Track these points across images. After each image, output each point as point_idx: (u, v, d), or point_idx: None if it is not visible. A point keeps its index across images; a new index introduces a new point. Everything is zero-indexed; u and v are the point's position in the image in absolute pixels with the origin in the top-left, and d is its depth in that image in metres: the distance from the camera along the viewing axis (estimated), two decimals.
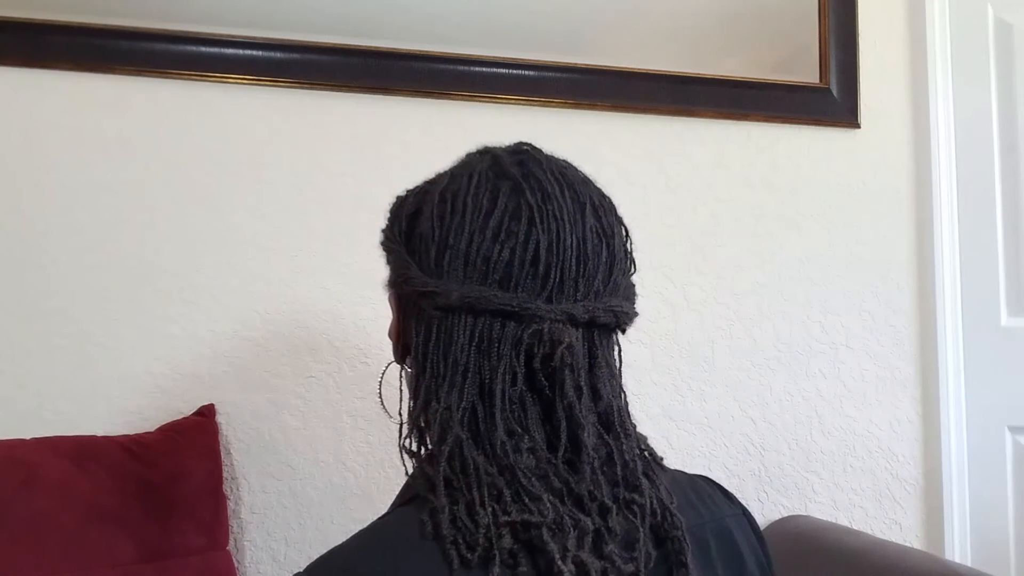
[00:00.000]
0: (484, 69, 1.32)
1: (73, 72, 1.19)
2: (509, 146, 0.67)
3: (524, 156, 0.64)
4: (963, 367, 1.50)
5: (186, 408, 1.18)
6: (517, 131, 1.35)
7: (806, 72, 1.46)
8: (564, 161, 0.67)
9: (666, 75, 1.39)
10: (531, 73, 1.34)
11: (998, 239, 1.52)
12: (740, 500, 0.72)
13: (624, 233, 0.66)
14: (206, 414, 1.16)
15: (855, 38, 1.49)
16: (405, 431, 0.63)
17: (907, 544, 1.43)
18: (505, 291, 0.58)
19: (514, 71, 1.33)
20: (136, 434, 1.11)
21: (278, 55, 1.25)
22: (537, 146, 0.67)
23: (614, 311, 0.61)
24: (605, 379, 0.61)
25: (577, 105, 1.35)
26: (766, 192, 1.45)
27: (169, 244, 1.21)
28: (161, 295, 1.20)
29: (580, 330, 0.60)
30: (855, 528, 1.42)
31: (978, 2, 1.55)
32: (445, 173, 0.66)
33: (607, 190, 0.68)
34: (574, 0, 1.36)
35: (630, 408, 0.65)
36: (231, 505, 1.18)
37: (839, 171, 1.48)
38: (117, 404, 1.17)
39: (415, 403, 0.62)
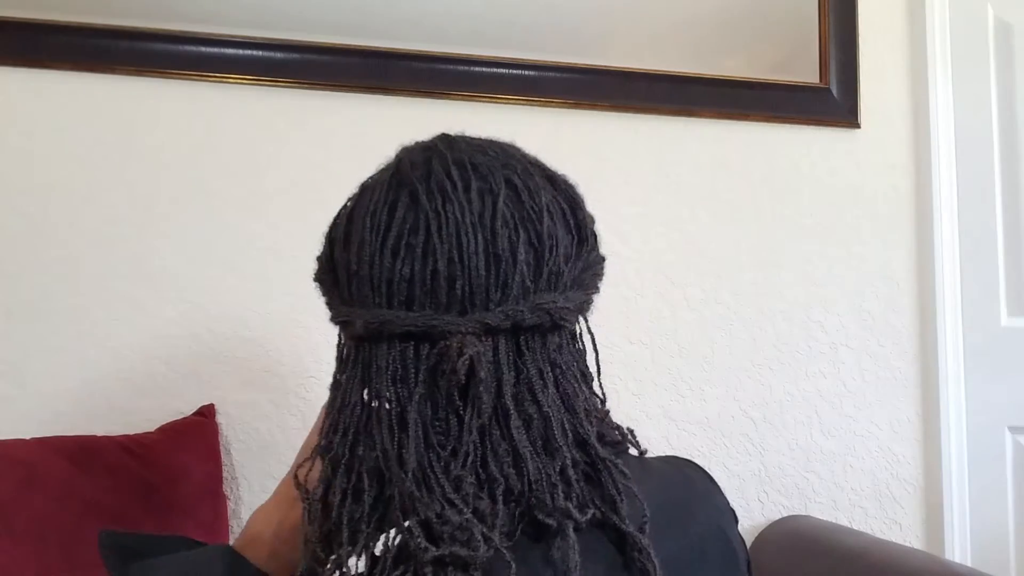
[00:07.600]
0: (484, 69, 1.32)
1: (73, 72, 1.19)
2: (428, 140, 0.61)
3: (431, 152, 0.58)
4: (963, 367, 1.49)
5: (186, 408, 1.18)
6: (517, 131, 1.34)
7: (806, 72, 1.46)
8: (489, 142, 0.61)
9: (666, 75, 1.39)
10: (531, 73, 1.34)
11: (998, 239, 1.52)
12: (738, 499, 0.70)
13: (567, 212, 0.59)
14: (206, 414, 1.16)
15: (855, 38, 1.49)
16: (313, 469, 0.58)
17: (907, 544, 1.43)
18: (410, 311, 0.53)
19: (514, 71, 1.33)
20: (136, 434, 1.11)
21: (278, 55, 1.25)
22: (463, 133, 0.61)
23: (546, 309, 0.54)
24: (539, 389, 0.54)
25: (577, 105, 1.35)
26: (766, 192, 1.45)
27: (169, 244, 1.21)
28: (161, 295, 1.20)
29: (502, 338, 0.54)
30: (855, 528, 1.42)
31: (978, 2, 1.55)
32: (361, 185, 0.61)
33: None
34: (574, 0, 1.36)
35: (607, 410, 0.61)
36: (231, 505, 1.18)
37: (839, 171, 1.48)
38: (117, 404, 1.17)
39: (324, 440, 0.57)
